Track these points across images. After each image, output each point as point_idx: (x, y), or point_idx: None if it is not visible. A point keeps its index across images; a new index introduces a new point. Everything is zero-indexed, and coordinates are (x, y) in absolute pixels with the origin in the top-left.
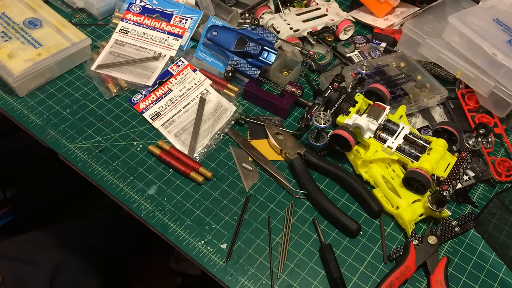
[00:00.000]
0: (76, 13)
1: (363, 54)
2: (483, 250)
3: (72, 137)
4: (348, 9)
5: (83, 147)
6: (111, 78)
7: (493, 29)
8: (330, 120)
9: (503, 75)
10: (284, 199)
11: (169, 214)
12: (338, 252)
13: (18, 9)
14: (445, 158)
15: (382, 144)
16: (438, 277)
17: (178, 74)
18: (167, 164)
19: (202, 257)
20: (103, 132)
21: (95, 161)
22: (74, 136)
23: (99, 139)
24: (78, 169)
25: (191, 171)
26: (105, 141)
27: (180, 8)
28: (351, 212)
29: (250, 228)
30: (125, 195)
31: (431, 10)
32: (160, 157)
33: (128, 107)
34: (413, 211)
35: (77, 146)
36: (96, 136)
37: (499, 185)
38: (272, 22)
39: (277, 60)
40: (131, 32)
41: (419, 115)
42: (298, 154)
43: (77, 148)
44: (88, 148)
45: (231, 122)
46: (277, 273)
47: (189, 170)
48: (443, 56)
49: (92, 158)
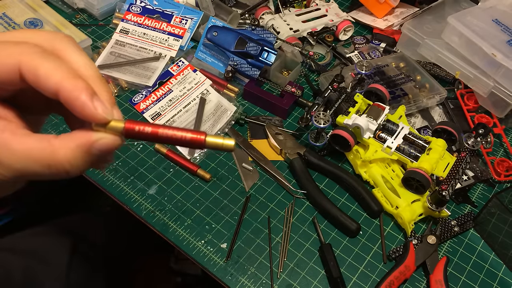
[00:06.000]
0: (77, 14)
1: (362, 55)
2: (482, 249)
3: None
4: (348, 9)
5: None
6: (111, 79)
7: (492, 29)
8: (329, 120)
9: (502, 75)
10: (284, 199)
11: (169, 214)
12: (338, 251)
13: (19, 10)
14: (445, 158)
15: (381, 144)
16: (437, 276)
17: (179, 74)
18: (173, 163)
19: (202, 256)
20: None
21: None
22: None
23: None
24: None
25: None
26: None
27: (180, 9)
28: (351, 212)
29: (250, 228)
30: (125, 195)
31: (431, 11)
32: (167, 155)
33: (129, 107)
34: (413, 211)
35: None
36: None
37: (498, 185)
38: (272, 23)
39: (277, 60)
40: (131, 33)
41: (419, 115)
42: (298, 154)
43: None
44: None
45: (231, 122)
46: (277, 273)
47: (196, 168)
48: (442, 56)
49: None
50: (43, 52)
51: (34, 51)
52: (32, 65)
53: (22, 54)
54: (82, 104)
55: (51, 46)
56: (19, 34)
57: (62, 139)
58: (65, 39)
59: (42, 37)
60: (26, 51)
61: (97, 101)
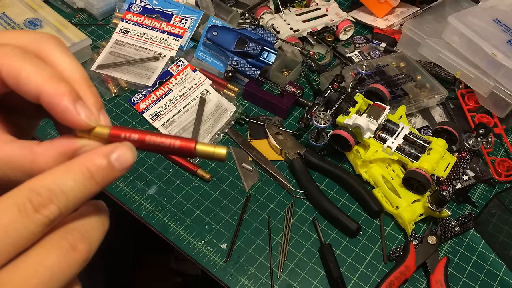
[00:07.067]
0: (76, 13)
1: (363, 54)
2: (482, 250)
3: None
4: (348, 9)
5: None
6: (111, 78)
7: (493, 29)
8: (330, 120)
9: (503, 75)
10: (284, 199)
11: (169, 214)
12: (338, 252)
13: (19, 9)
14: (445, 158)
15: (382, 144)
16: (438, 277)
17: (178, 74)
18: (173, 163)
19: (202, 257)
20: None
21: None
22: None
23: None
24: None
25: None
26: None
27: (180, 8)
28: (351, 212)
29: (250, 228)
30: (125, 195)
31: (431, 10)
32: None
33: (128, 107)
34: (413, 211)
35: None
36: None
37: (499, 185)
38: (272, 22)
39: (277, 60)
40: (131, 32)
41: (419, 115)
42: (298, 154)
43: None
44: None
45: (231, 122)
46: (277, 273)
47: (196, 168)
48: (443, 56)
49: None
50: (24, 53)
51: (14, 53)
52: (12, 67)
53: (1, 56)
54: (64, 109)
55: (36, 47)
56: (1, 35)
57: (43, 146)
58: (50, 39)
59: (26, 38)
60: (6, 53)
61: (80, 106)
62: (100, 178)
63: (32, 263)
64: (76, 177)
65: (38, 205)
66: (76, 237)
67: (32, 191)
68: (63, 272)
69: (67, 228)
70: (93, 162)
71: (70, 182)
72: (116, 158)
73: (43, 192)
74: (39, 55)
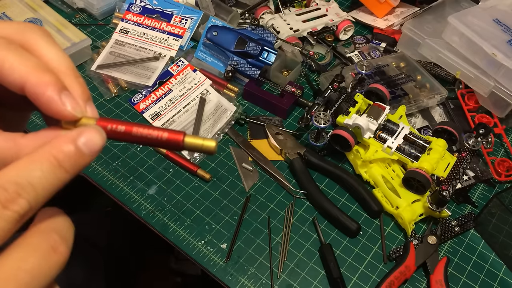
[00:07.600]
0: (76, 13)
1: (363, 54)
2: (483, 250)
3: None
4: (348, 9)
5: None
6: (111, 78)
7: (493, 29)
8: (330, 120)
9: (503, 75)
10: (284, 199)
11: (169, 214)
12: (338, 252)
13: (19, 9)
14: (445, 158)
15: (382, 144)
16: (438, 277)
17: (178, 74)
18: (173, 163)
19: (202, 257)
20: None
21: (95, 161)
22: None
23: None
24: None
25: (198, 168)
26: (105, 141)
27: (180, 8)
28: (351, 212)
29: (250, 228)
30: (125, 195)
31: (431, 10)
32: (167, 155)
33: (128, 107)
34: (413, 211)
35: None
36: None
37: (499, 185)
38: (272, 22)
39: (277, 60)
40: (131, 32)
41: (419, 115)
42: (298, 154)
43: None
44: None
45: (231, 122)
46: (277, 273)
47: (196, 168)
48: (443, 56)
49: None
50: (8, 44)
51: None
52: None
53: None
54: (48, 100)
55: (21, 37)
56: None
57: (28, 138)
58: (36, 29)
59: (10, 28)
60: None
61: (66, 97)
62: (69, 166)
63: (12, 267)
64: (43, 167)
65: (6, 201)
66: (56, 239)
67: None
68: (43, 275)
69: (44, 229)
70: (59, 149)
71: (37, 172)
72: (84, 143)
73: (10, 187)
74: (24, 45)
